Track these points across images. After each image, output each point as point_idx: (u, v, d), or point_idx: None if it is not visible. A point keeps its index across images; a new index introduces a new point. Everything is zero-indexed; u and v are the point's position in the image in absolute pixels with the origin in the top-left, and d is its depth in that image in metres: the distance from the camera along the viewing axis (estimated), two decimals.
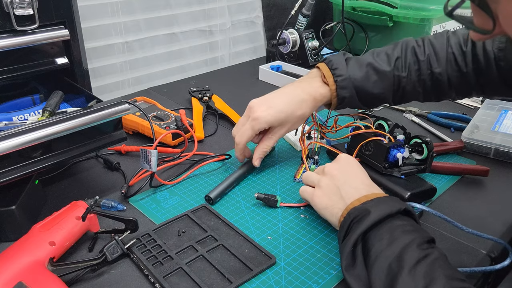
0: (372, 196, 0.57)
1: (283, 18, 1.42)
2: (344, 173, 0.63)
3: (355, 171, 0.64)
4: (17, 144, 0.58)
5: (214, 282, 0.55)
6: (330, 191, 0.62)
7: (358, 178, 0.62)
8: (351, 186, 0.60)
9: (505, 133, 0.85)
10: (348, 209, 0.56)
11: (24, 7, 0.70)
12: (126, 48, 1.14)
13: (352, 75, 0.74)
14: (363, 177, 0.63)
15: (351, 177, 0.62)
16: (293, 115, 0.73)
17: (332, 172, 0.63)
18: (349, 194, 0.59)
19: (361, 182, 0.62)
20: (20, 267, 0.51)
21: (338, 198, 0.60)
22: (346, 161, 0.65)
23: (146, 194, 0.73)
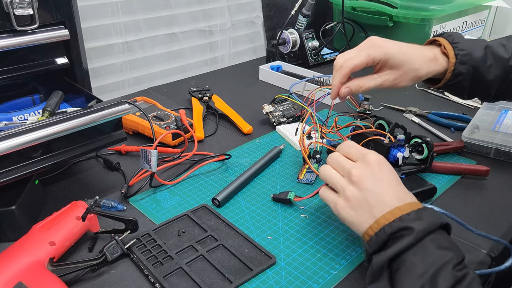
0: (407, 209, 0.50)
1: (283, 18, 1.42)
2: (376, 183, 0.53)
3: (387, 178, 0.54)
4: (17, 144, 0.58)
5: (214, 282, 0.55)
6: (358, 205, 0.53)
7: (391, 188, 0.53)
8: (383, 201, 0.52)
9: (505, 133, 0.85)
10: (380, 223, 0.50)
11: (24, 7, 0.70)
12: (126, 48, 1.14)
13: (473, 52, 0.68)
14: (395, 185, 0.54)
15: (384, 187, 0.53)
16: (412, 62, 0.66)
17: (362, 181, 0.53)
18: (381, 211, 0.51)
19: (393, 193, 0.53)
20: (20, 267, 0.51)
21: (368, 216, 0.52)
22: (377, 164, 0.55)
23: (146, 194, 0.73)
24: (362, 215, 0.52)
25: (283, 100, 0.98)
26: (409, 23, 1.23)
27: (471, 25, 1.38)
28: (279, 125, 0.94)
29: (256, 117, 0.99)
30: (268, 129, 0.95)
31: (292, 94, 1.04)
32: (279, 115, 0.95)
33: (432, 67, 0.68)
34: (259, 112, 0.99)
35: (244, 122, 0.94)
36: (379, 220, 0.50)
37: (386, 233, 0.49)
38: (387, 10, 1.25)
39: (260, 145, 0.88)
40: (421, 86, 1.16)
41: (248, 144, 0.89)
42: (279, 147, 0.84)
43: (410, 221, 0.48)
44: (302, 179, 0.76)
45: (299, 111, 0.96)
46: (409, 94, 1.13)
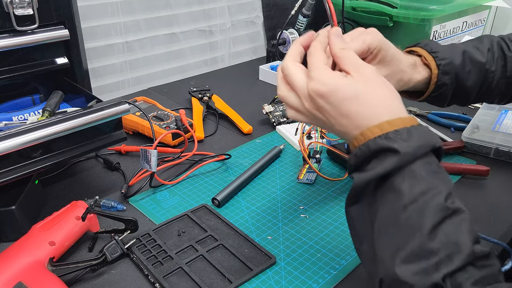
0: (398, 124, 0.43)
1: (283, 18, 1.42)
2: (324, 115, 0.46)
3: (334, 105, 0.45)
4: (17, 144, 0.58)
5: (214, 282, 0.55)
6: (316, 123, 0.48)
7: (342, 114, 0.45)
8: (341, 127, 0.46)
9: (505, 133, 0.85)
10: (366, 136, 0.43)
11: (24, 7, 0.70)
12: (126, 48, 1.14)
13: (454, 60, 0.64)
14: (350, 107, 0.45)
15: (333, 116, 0.46)
16: (400, 62, 0.61)
17: (318, 103, 0.46)
18: (350, 130, 0.45)
19: (348, 117, 0.45)
20: (20, 267, 0.51)
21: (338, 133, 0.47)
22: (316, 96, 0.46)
23: (146, 194, 0.73)
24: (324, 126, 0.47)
25: None
26: (409, 23, 1.23)
27: (471, 25, 1.38)
28: (279, 125, 0.94)
29: (256, 117, 0.99)
30: (268, 129, 0.95)
31: None
32: (279, 115, 0.95)
33: (414, 74, 0.63)
34: (259, 112, 0.99)
35: (244, 122, 0.94)
36: (365, 132, 0.44)
37: (370, 150, 0.43)
38: (387, 10, 1.25)
39: (260, 145, 0.88)
40: None
41: (248, 144, 0.89)
42: (279, 147, 0.84)
43: (396, 142, 0.42)
44: (302, 179, 0.76)
45: None
46: None
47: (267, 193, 0.73)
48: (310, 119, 0.49)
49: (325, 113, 0.46)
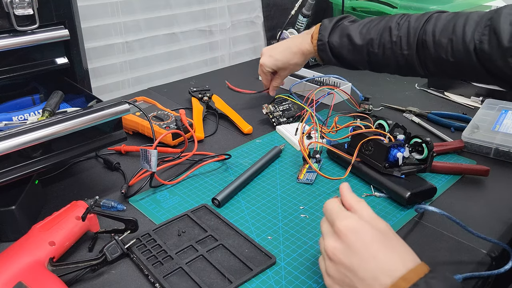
0: (412, 278, 0.42)
1: (283, 18, 1.42)
2: (351, 257, 0.46)
3: (365, 247, 0.46)
4: (17, 144, 0.58)
5: (214, 282, 0.55)
6: (341, 281, 0.47)
7: (373, 259, 0.45)
8: (365, 272, 0.45)
9: (505, 133, 0.85)
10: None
11: (24, 7, 0.70)
12: (126, 48, 1.14)
13: (331, 41, 0.86)
14: (378, 253, 0.45)
15: (364, 260, 0.45)
16: (288, 63, 0.94)
17: (335, 256, 0.47)
18: (369, 286, 0.44)
19: (377, 265, 0.45)
20: (20, 267, 0.51)
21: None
22: (349, 234, 0.47)
23: (146, 194, 0.73)
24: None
25: (283, 100, 0.98)
26: None
27: None
28: (279, 125, 0.94)
29: (256, 117, 0.99)
30: (268, 129, 0.95)
31: (292, 94, 1.04)
32: (279, 115, 0.95)
33: (304, 57, 0.93)
34: (259, 112, 0.99)
35: (244, 122, 0.94)
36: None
37: None
38: (387, 10, 1.25)
39: (260, 145, 0.88)
40: (421, 87, 1.16)
41: (248, 144, 0.89)
42: (279, 147, 0.84)
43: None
44: (302, 179, 0.76)
45: (299, 111, 0.96)
46: (409, 94, 1.13)
47: (267, 193, 0.73)
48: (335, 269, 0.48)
49: (353, 252, 0.46)
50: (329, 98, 1.01)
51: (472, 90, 1.06)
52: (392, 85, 1.19)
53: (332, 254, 0.47)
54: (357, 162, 0.76)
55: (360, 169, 0.76)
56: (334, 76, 1.08)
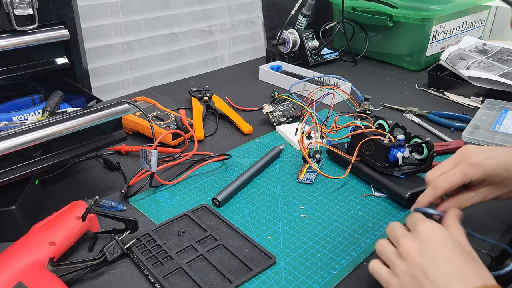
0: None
1: (283, 18, 1.42)
2: (427, 257, 0.45)
3: (444, 252, 0.45)
4: (17, 144, 0.58)
5: (214, 282, 0.55)
6: (408, 281, 0.45)
7: (448, 266, 0.44)
8: (437, 279, 0.43)
9: (505, 133, 0.85)
10: None
11: (24, 7, 0.70)
12: (126, 48, 1.14)
13: None
14: (455, 262, 0.44)
15: (439, 263, 0.44)
16: None
17: (410, 255, 0.46)
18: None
19: (451, 272, 0.43)
20: (20, 267, 0.51)
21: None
22: (429, 237, 0.46)
23: (146, 194, 0.73)
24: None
25: (283, 100, 0.98)
26: (409, 23, 1.23)
27: (471, 25, 1.38)
28: (279, 125, 0.94)
29: (256, 117, 0.99)
30: (268, 129, 0.95)
31: (292, 94, 1.04)
32: (279, 115, 0.95)
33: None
34: (259, 112, 0.99)
35: (244, 122, 0.94)
36: None
37: None
38: (387, 10, 1.25)
39: (260, 145, 0.88)
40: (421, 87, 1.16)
41: (248, 144, 0.89)
42: (279, 147, 0.84)
43: None
44: (302, 179, 0.76)
45: (299, 111, 0.96)
46: (409, 94, 1.13)
47: (267, 193, 0.73)
48: None
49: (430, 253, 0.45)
50: (329, 98, 1.01)
51: (472, 90, 1.06)
52: (392, 85, 1.19)
53: (406, 252, 0.46)
54: (357, 162, 0.76)
55: (360, 169, 0.76)
56: (334, 76, 1.08)
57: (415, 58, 1.28)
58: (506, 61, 1.11)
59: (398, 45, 1.30)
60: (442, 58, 1.16)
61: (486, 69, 1.07)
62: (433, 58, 1.28)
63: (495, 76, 1.03)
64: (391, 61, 1.34)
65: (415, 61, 1.28)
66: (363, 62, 1.37)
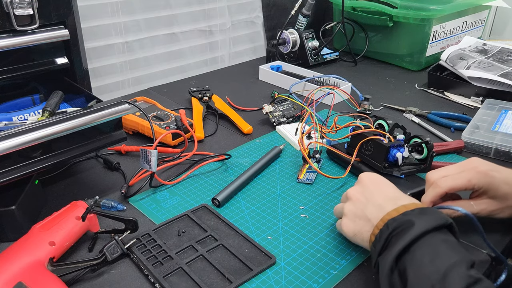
0: (411, 206, 0.50)
1: (283, 18, 1.42)
2: (366, 193, 0.57)
3: (378, 187, 0.57)
4: (17, 144, 0.58)
5: (214, 282, 0.55)
6: (354, 215, 0.56)
7: (382, 194, 0.56)
8: (374, 204, 0.54)
9: (505, 133, 0.85)
10: (384, 220, 0.50)
11: (24, 7, 0.70)
12: (126, 48, 1.14)
13: None
14: (387, 192, 0.56)
15: (375, 195, 0.56)
16: None
17: (354, 196, 0.58)
18: (374, 214, 0.53)
19: (385, 197, 0.55)
20: (20, 267, 0.51)
21: (364, 221, 0.54)
22: (367, 180, 0.59)
23: (146, 194, 0.73)
24: (360, 223, 0.55)
25: (283, 100, 0.98)
26: (409, 23, 1.23)
27: (471, 25, 1.38)
28: (279, 125, 0.94)
29: (256, 117, 0.99)
30: (268, 129, 0.95)
31: (292, 94, 1.04)
32: (279, 115, 0.95)
33: None
34: (259, 112, 1.00)
35: (244, 122, 0.94)
36: (385, 217, 0.51)
37: (389, 229, 0.49)
38: (387, 10, 1.25)
39: (260, 145, 0.88)
40: (421, 87, 1.16)
41: (248, 144, 0.89)
42: (279, 147, 0.84)
43: (414, 216, 0.48)
44: (302, 179, 0.76)
45: (299, 111, 0.96)
46: (409, 94, 1.13)
47: (267, 193, 0.73)
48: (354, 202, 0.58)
49: (368, 190, 0.58)
50: (329, 98, 1.01)
51: (472, 90, 1.06)
52: (392, 85, 1.19)
53: (352, 195, 0.58)
54: (357, 162, 0.76)
55: (360, 169, 0.76)
56: (334, 76, 1.08)
57: (415, 58, 1.28)
58: (506, 61, 1.11)
59: (398, 45, 1.30)
60: (442, 58, 1.16)
61: (486, 69, 1.07)
62: (433, 58, 1.28)
63: (495, 76, 1.03)
64: (391, 61, 1.34)
65: (415, 61, 1.28)
66: (363, 62, 1.37)
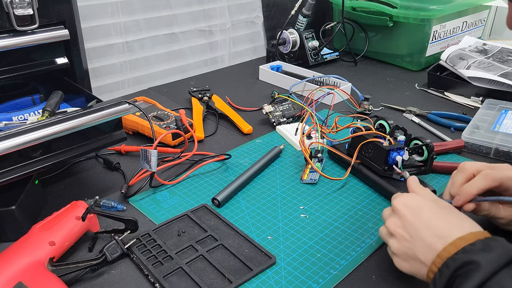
0: (470, 239, 0.44)
1: (283, 18, 1.42)
2: (409, 229, 0.50)
3: (420, 219, 0.50)
4: (17, 144, 0.58)
5: (214, 282, 0.55)
6: (405, 255, 0.50)
7: (428, 229, 0.48)
8: (424, 245, 0.48)
9: (505, 133, 0.85)
10: (442, 257, 0.45)
11: (24, 7, 0.70)
12: (126, 48, 1.14)
13: None
14: (432, 223, 0.49)
15: (420, 232, 0.49)
16: None
17: (396, 232, 0.51)
18: (426, 255, 0.47)
19: (432, 233, 0.48)
20: (20, 267, 0.51)
21: (418, 263, 0.49)
22: (404, 210, 0.51)
23: (146, 194, 0.73)
24: (414, 264, 0.49)
25: (283, 100, 0.98)
26: (409, 23, 1.23)
27: (471, 25, 1.38)
28: (279, 125, 0.94)
29: (256, 117, 0.99)
30: (268, 129, 0.95)
31: (292, 94, 1.04)
32: (279, 115, 0.95)
33: None
34: (259, 112, 0.99)
35: (244, 122, 0.94)
36: (441, 254, 0.45)
37: (450, 269, 0.43)
38: (387, 10, 1.25)
39: (260, 145, 0.88)
40: (421, 87, 1.16)
41: (248, 144, 0.89)
42: (279, 147, 0.84)
43: (476, 253, 0.42)
44: (306, 179, 0.76)
45: (299, 111, 0.96)
46: (409, 94, 1.13)
47: (267, 193, 0.73)
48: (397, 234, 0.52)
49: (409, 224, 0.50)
50: (329, 98, 1.01)
51: (472, 90, 1.06)
52: (392, 85, 1.19)
53: (393, 231, 0.51)
54: (357, 163, 0.76)
55: (360, 171, 0.76)
56: (334, 76, 1.08)
57: (415, 58, 1.28)
58: (506, 61, 1.11)
59: (398, 45, 1.30)
60: (442, 58, 1.16)
61: (486, 69, 1.07)
62: (433, 58, 1.28)
63: (495, 76, 1.03)
64: (391, 61, 1.34)
65: (415, 61, 1.28)
66: (363, 62, 1.37)
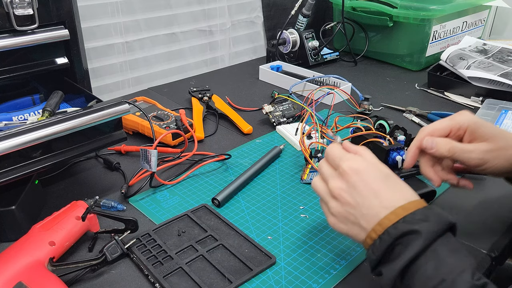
0: (410, 207, 0.46)
1: (283, 18, 1.42)
2: (356, 195, 0.49)
3: (368, 186, 0.49)
4: (17, 144, 0.58)
5: (214, 282, 0.55)
6: (345, 219, 0.50)
7: (376, 199, 0.48)
8: (369, 214, 0.48)
9: None
10: (383, 225, 0.45)
11: (24, 7, 0.70)
12: (126, 48, 1.14)
13: None
14: (380, 192, 0.48)
15: (367, 200, 0.48)
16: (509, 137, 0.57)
17: (340, 195, 0.50)
18: (370, 221, 0.47)
19: (380, 205, 0.47)
20: (20, 267, 0.51)
21: (358, 228, 0.49)
22: (352, 174, 0.50)
23: (146, 194, 0.73)
24: (352, 228, 0.49)
25: (283, 100, 0.98)
26: (409, 23, 1.23)
27: (471, 25, 1.38)
28: (279, 125, 0.94)
29: (256, 117, 0.99)
30: (268, 129, 0.95)
31: (292, 94, 1.04)
32: (279, 115, 0.95)
33: None
34: (259, 112, 0.99)
35: (244, 122, 0.94)
36: (382, 221, 0.46)
37: (391, 237, 0.44)
38: (387, 10, 1.25)
39: (260, 145, 0.88)
40: (421, 87, 1.16)
41: (248, 144, 0.89)
42: (279, 147, 0.84)
43: (416, 223, 0.44)
44: (306, 179, 0.76)
45: (299, 111, 0.96)
46: (409, 94, 1.13)
47: (267, 193, 0.73)
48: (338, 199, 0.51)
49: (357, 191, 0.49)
50: (329, 98, 1.01)
51: (472, 90, 1.06)
52: (392, 85, 1.19)
53: (338, 195, 0.50)
54: None
55: None
56: (334, 76, 1.08)
57: (415, 58, 1.28)
58: (506, 61, 1.11)
59: (398, 45, 1.30)
60: (442, 58, 1.16)
61: (486, 69, 1.07)
62: (433, 58, 1.28)
63: (495, 76, 1.03)
64: (391, 61, 1.34)
65: (415, 61, 1.28)
66: (363, 62, 1.37)
